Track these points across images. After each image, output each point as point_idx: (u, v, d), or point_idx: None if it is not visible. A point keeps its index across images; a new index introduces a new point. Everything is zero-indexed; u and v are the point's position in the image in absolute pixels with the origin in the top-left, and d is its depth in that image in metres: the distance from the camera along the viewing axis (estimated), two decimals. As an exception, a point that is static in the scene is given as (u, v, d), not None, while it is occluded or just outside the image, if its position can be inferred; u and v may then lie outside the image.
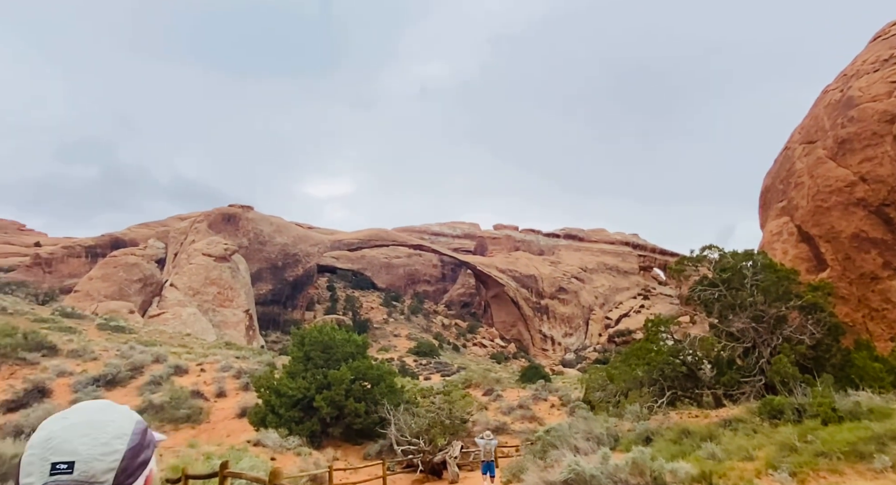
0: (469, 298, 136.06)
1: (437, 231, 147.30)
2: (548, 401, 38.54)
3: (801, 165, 23.37)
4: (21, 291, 76.56)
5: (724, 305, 20.27)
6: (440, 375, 70.97)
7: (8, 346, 32.82)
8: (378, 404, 26.14)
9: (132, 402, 29.40)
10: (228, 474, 9.71)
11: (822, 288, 19.30)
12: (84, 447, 1.05)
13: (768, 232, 24.76)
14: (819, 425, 12.07)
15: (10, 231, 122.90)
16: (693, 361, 20.62)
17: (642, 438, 16.01)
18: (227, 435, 26.08)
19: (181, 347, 50.35)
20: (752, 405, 15.85)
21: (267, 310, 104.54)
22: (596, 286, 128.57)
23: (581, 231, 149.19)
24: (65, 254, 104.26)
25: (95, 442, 1.07)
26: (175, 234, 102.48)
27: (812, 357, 18.58)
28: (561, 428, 20.38)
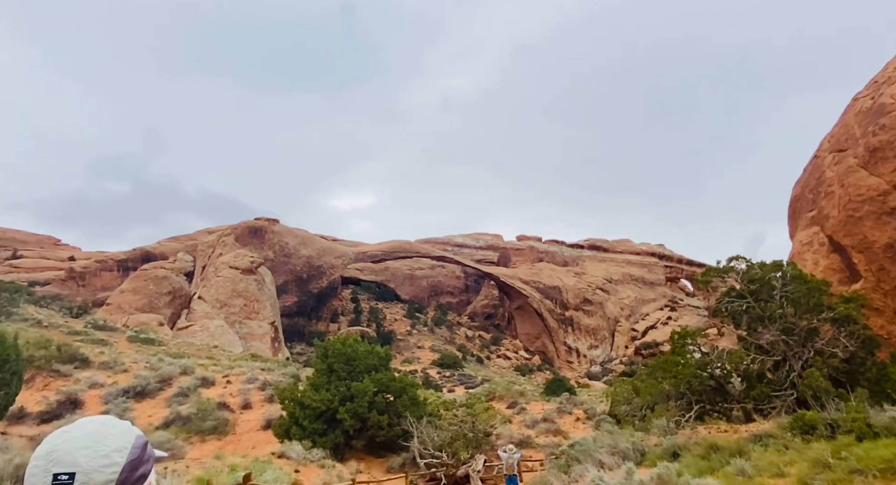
0: (493, 309, 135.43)
1: (460, 242, 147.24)
2: (573, 414, 38.03)
3: (831, 174, 22.85)
4: (56, 304, 78.50)
5: (753, 317, 19.83)
6: (464, 387, 70.59)
7: (42, 358, 33.67)
8: (401, 417, 26.11)
9: (160, 413, 29.86)
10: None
11: (855, 299, 18.76)
12: (85, 459, 1.07)
13: (798, 242, 24.21)
14: (853, 441, 11.69)
15: (47, 246, 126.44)
16: (721, 375, 20.17)
17: (669, 453, 15.68)
18: (252, 447, 26.28)
19: (208, 359, 51.04)
20: (784, 420, 15.43)
21: (292, 322, 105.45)
22: (622, 298, 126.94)
23: (605, 242, 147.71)
24: (98, 268, 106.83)
25: (96, 454, 1.09)
26: (203, 247, 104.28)
27: (845, 371, 18.04)
28: (586, 442, 20.11)
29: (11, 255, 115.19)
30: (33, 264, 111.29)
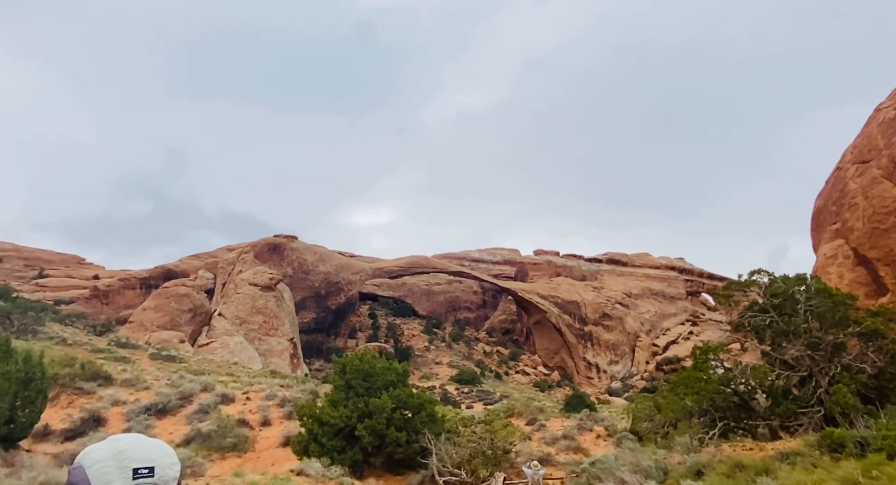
0: (510, 324, 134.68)
1: (476, 257, 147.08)
2: (593, 431, 37.46)
3: (854, 186, 22.53)
4: (80, 322, 79.77)
5: (777, 331, 19.48)
6: (482, 403, 70.01)
7: (67, 376, 34.15)
8: (419, 434, 25.95)
9: (181, 430, 30.04)
10: (271, 505, 9.77)
11: (882, 313, 18.36)
12: (157, 456, 1.21)
13: (822, 255, 23.82)
14: (884, 459, 11.38)
15: (72, 265, 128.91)
16: (745, 391, 19.79)
17: (693, 471, 15.38)
18: (271, 464, 26.29)
19: (228, 375, 51.38)
20: (811, 438, 15.08)
21: (311, 338, 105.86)
22: (641, 312, 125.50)
23: (624, 256, 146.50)
24: (121, 286, 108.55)
25: (163, 453, 1.25)
26: (223, 264, 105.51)
27: (874, 387, 17.60)
28: (607, 460, 19.83)
29: (38, 274, 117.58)
30: (59, 283, 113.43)
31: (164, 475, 1.20)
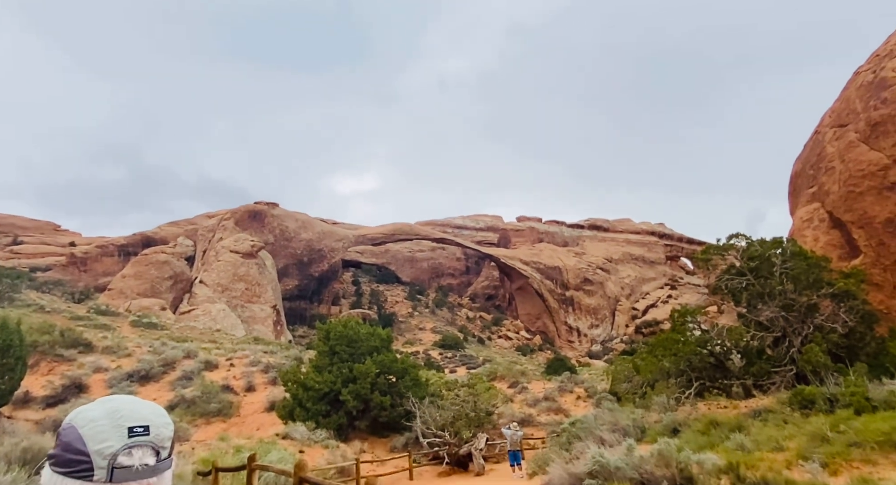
0: (493, 290, 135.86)
1: (459, 224, 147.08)
2: (573, 393, 38.36)
3: (831, 150, 22.73)
4: (58, 289, 78.69)
5: (753, 293, 19.87)
6: (465, 367, 71.08)
7: (46, 343, 33.88)
8: (403, 398, 26.33)
9: (165, 396, 30.13)
10: (256, 467, 9.89)
11: (854, 275, 18.79)
12: (153, 416, 1.17)
13: (798, 219, 24.17)
14: (852, 414, 11.79)
15: (47, 232, 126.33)
16: (721, 352, 20.27)
17: (669, 429, 15.83)
18: (256, 428, 26.56)
19: (211, 342, 51.36)
20: (783, 395, 15.55)
21: (294, 305, 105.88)
22: (622, 277, 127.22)
23: (606, 221, 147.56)
24: (99, 253, 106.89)
25: (157, 413, 1.19)
26: (203, 231, 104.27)
27: (844, 346, 18.13)
28: (586, 420, 20.32)
29: (12, 241, 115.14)
30: (34, 250, 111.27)
31: (160, 434, 1.15)
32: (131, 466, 1.10)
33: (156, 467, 1.13)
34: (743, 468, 9.34)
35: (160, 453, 1.15)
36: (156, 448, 1.14)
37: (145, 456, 1.12)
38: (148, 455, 1.12)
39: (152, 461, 1.13)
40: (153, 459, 1.13)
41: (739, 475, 9.02)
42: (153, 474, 1.13)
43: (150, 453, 1.13)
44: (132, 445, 1.11)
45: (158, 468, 1.14)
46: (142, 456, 1.11)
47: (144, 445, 1.12)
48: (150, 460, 1.13)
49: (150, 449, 1.13)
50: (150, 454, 1.13)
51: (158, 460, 1.14)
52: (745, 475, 8.97)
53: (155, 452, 1.14)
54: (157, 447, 1.14)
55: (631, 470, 9.92)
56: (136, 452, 1.11)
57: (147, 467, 1.12)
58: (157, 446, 1.14)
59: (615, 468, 10.06)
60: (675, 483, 9.15)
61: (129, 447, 1.10)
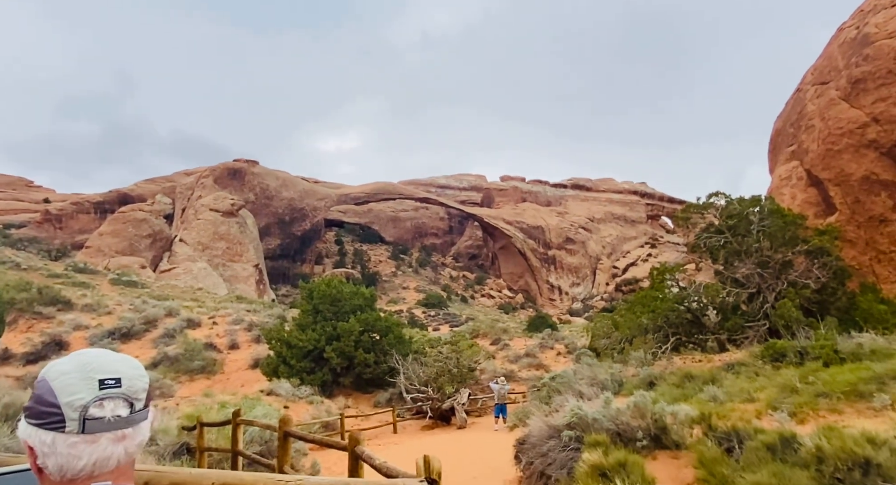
0: (477, 250, 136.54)
1: (443, 184, 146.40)
2: (554, 349, 39.15)
3: (812, 107, 22.77)
4: (33, 247, 77.35)
5: (730, 251, 20.22)
6: (449, 326, 72.03)
7: (24, 300, 33.54)
8: (387, 355, 26.66)
9: (147, 354, 30.17)
10: (241, 422, 9.99)
11: (829, 232, 19.16)
12: (124, 368, 1.17)
13: (777, 177, 24.40)
14: (821, 367, 12.20)
15: (19, 187, 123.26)
16: (698, 308, 20.73)
17: (646, 383, 16.26)
18: (241, 385, 26.80)
19: (193, 301, 51.21)
20: (756, 349, 16.00)
21: (276, 264, 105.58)
22: (603, 236, 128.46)
23: (589, 181, 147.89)
24: (74, 210, 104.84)
25: (130, 365, 1.19)
26: (181, 189, 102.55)
27: (817, 301, 18.63)
28: (566, 375, 20.79)
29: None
30: (6, 206, 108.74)
31: (132, 386, 1.15)
32: (103, 417, 1.10)
33: (130, 417, 1.14)
34: (714, 419, 9.67)
35: (134, 404, 1.15)
36: (129, 400, 1.14)
37: (118, 407, 1.12)
38: (120, 407, 1.13)
39: (125, 413, 1.13)
40: (126, 410, 1.13)
41: (711, 425, 9.33)
42: (128, 425, 1.13)
43: (122, 405, 1.13)
44: (103, 396, 1.11)
45: (133, 419, 1.14)
46: (114, 407, 1.12)
47: (116, 396, 1.12)
48: (123, 412, 1.13)
49: (123, 401, 1.13)
50: (123, 406, 1.13)
51: (133, 411, 1.14)
52: (716, 425, 9.28)
53: (128, 403, 1.14)
54: (130, 399, 1.14)
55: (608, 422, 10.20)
56: (108, 403, 1.11)
57: (120, 418, 1.12)
58: (130, 398, 1.14)
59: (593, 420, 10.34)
60: (649, 433, 9.44)
61: (100, 399, 1.11)
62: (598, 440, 9.19)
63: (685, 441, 9.09)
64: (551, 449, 10.20)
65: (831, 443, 6.61)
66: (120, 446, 1.12)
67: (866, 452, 6.32)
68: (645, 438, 9.31)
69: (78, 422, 1.09)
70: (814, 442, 6.83)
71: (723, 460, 7.72)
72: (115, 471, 1.12)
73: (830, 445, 6.58)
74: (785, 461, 6.85)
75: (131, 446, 1.14)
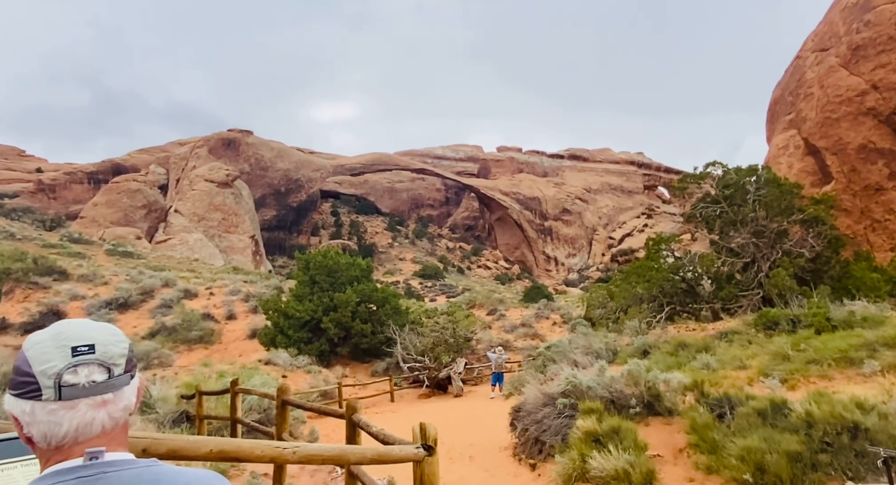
0: (473, 221, 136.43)
1: (439, 154, 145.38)
2: (549, 319, 39.46)
3: (811, 75, 22.53)
4: (27, 217, 76.86)
5: (726, 221, 20.26)
6: (445, 296, 72.42)
7: (20, 271, 33.51)
8: (384, 325, 26.84)
9: (145, 324, 30.31)
10: (239, 391, 10.09)
11: (824, 201, 19.19)
12: (99, 335, 1.17)
13: (774, 146, 24.29)
14: (813, 334, 12.34)
15: (11, 157, 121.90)
16: (693, 278, 20.86)
17: (640, 351, 16.45)
18: (239, 355, 27.02)
19: (189, 271, 51.25)
20: (749, 318, 16.16)
21: (272, 235, 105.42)
22: (600, 207, 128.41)
23: (586, 151, 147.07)
24: (67, 180, 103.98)
25: (106, 332, 1.19)
26: (176, 159, 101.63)
27: (811, 270, 18.75)
28: (561, 344, 20.97)
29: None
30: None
31: (107, 352, 1.15)
32: (78, 383, 1.10)
33: (108, 383, 1.14)
34: (707, 386, 9.82)
35: (112, 369, 1.15)
36: (105, 365, 1.14)
37: (93, 373, 1.12)
38: (96, 372, 1.13)
39: (101, 378, 1.13)
40: (103, 375, 1.13)
41: (703, 392, 9.48)
42: (107, 390, 1.13)
43: (98, 370, 1.13)
44: (76, 363, 1.11)
45: (113, 385, 1.15)
46: (89, 373, 1.12)
47: (90, 362, 1.13)
48: (99, 377, 1.13)
49: (98, 366, 1.13)
50: (99, 371, 1.13)
51: (111, 376, 1.15)
52: (708, 392, 9.43)
53: (105, 369, 1.14)
54: (106, 364, 1.14)
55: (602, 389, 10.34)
56: (82, 370, 1.12)
57: (96, 384, 1.12)
58: (106, 363, 1.14)
59: (587, 388, 10.48)
60: (643, 400, 9.59)
61: (73, 366, 1.11)
62: (593, 408, 9.33)
63: (678, 408, 9.23)
64: (546, 416, 10.36)
65: (821, 408, 6.72)
66: (102, 412, 1.13)
67: (855, 417, 6.43)
68: (638, 405, 9.46)
69: (54, 389, 1.09)
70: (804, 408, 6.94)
71: (714, 425, 7.86)
72: (102, 436, 1.13)
73: (820, 410, 6.69)
74: (775, 426, 6.98)
75: (115, 410, 1.15)
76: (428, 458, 4.11)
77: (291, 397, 8.31)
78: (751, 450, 6.61)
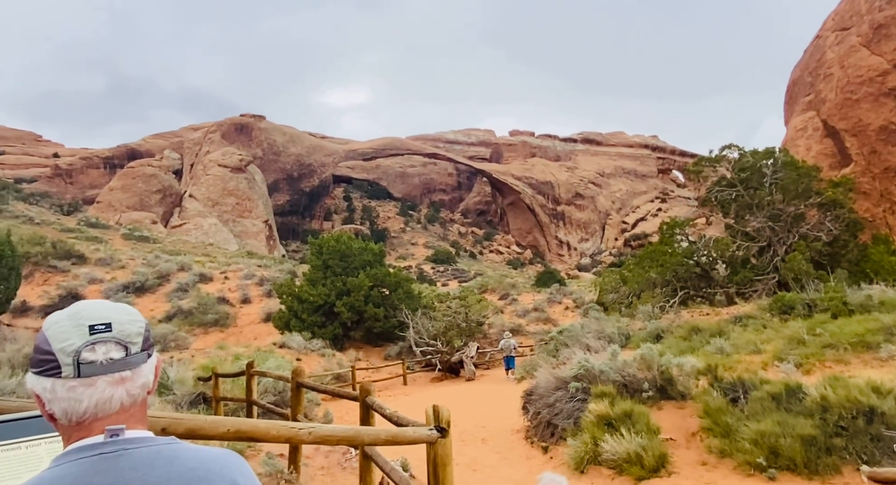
0: (485, 206, 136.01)
1: (451, 139, 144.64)
2: (562, 304, 39.42)
3: (832, 55, 22.03)
4: (45, 201, 77.70)
5: (742, 205, 20.01)
6: (457, 281, 72.52)
7: (39, 254, 34.04)
8: (396, 309, 26.98)
9: (161, 307, 30.72)
10: (255, 373, 10.21)
11: (843, 184, 18.88)
12: (115, 314, 1.19)
13: (792, 128, 23.86)
14: (829, 318, 12.23)
15: (28, 142, 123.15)
16: (707, 262, 20.69)
17: (653, 336, 16.41)
18: (254, 338, 27.33)
19: (204, 256, 51.73)
20: (764, 302, 16.03)
21: (286, 220, 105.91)
22: (613, 191, 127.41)
23: (599, 135, 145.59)
24: (84, 165, 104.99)
25: (123, 311, 1.21)
26: (189, 144, 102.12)
27: (828, 253, 18.50)
28: (573, 328, 20.97)
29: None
30: (17, 161, 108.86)
31: (124, 330, 1.17)
32: (95, 360, 1.13)
33: (125, 360, 1.16)
34: (720, 370, 9.78)
35: (129, 348, 1.17)
36: (122, 343, 1.16)
37: (110, 351, 1.15)
38: (113, 350, 1.15)
39: (119, 356, 1.15)
40: (120, 353, 1.16)
41: (717, 376, 9.45)
42: (125, 368, 1.16)
43: (115, 348, 1.15)
44: (94, 341, 1.14)
45: (130, 362, 1.17)
46: (106, 351, 1.14)
47: (107, 340, 1.15)
48: (117, 355, 1.15)
49: (115, 344, 1.16)
50: (117, 349, 1.15)
51: (128, 354, 1.17)
52: (722, 376, 9.40)
53: (122, 347, 1.16)
54: (123, 342, 1.17)
55: (614, 373, 10.34)
56: (100, 347, 1.14)
57: (113, 361, 1.14)
58: (123, 342, 1.17)
59: (599, 372, 10.48)
60: (655, 385, 9.58)
61: (91, 343, 1.13)
62: (605, 391, 9.35)
63: (691, 392, 9.22)
64: (558, 400, 10.39)
65: (836, 392, 6.67)
66: (120, 389, 1.15)
67: (871, 401, 6.38)
68: (651, 389, 9.45)
69: (73, 367, 1.12)
70: (819, 392, 6.90)
71: (727, 409, 7.84)
72: (121, 413, 1.15)
73: (835, 394, 6.65)
74: (790, 411, 6.95)
75: (133, 387, 1.17)
76: (441, 440, 4.15)
77: (306, 379, 8.40)
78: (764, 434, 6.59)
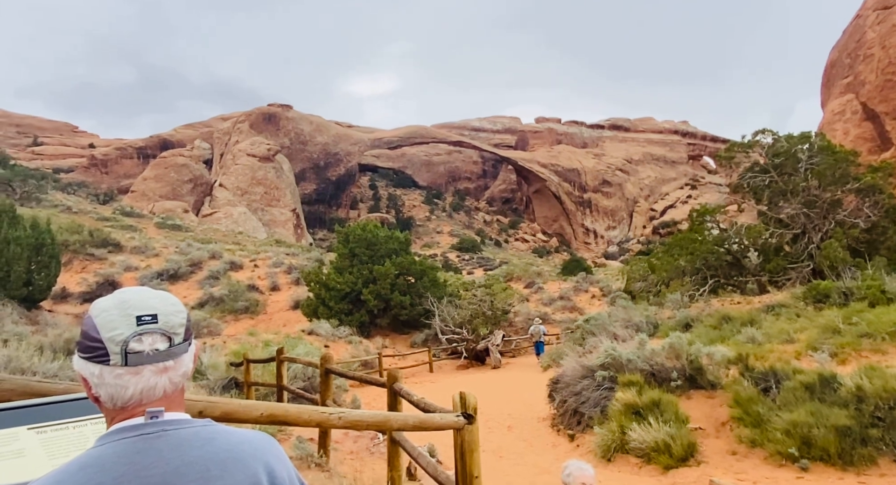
0: (510, 193, 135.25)
1: (476, 126, 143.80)
2: (588, 292, 39.11)
3: (872, 35, 21.19)
4: (82, 191, 79.67)
5: (775, 191, 19.51)
6: (483, 269, 72.48)
7: (77, 242, 35.08)
8: (422, 297, 27.11)
9: (194, 294, 31.41)
10: (284, 359, 10.40)
11: (882, 169, 18.26)
12: (160, 305, 1.22)
13: (829, 111, 23.11)
14: (866, 307, 11.91)
15: (65, 133, 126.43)
16: (738, 250, 20.27)
17: (682, 324, 16.20)
18: (283, 325, 27.78)
19: (234, 244, 52.62)
20: (798, 290, 15.67)
21: (313, 209, 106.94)
22: (641, 178, 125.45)
23: (627, 121, 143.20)
24: (118, 155, 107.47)
25: (167, 302, 1.24)
26: (219, 134, 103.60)
27: (865, 241, 17.96)
28: (600, 317, 20.84)
29: (32, 141, 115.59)
30: (55, 151, 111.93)
31: (169, 322, 1.21)
32: (142, 351, 1.16)
33: (169, 351, 1.20)
34: (752, 359, 9.61)
35: (172, 338, 1.21)
36: (166, 334, 1.20)
37: (156, 342, 1.18)
38: (159, 341, 1.19)
39: (164, 346, 1.19)
40: (165, 344, 1.19)
41: (748, 366, 9.29)
42: (168, 358, 1.19)
43: (160, 339, 1.19)
44: (141, 332, 1.17)
45: (174, 353, 1.21)
46: (152, 342, 1.18)
47: (153, 332, 1.18)
48: (162, 346, 1.19)
49: (161, 335, 1.19)
50: (161, 340, 1.19)
51: (172, 344, 1.20)
52: (753, 366, 9.24)
53: (166, 338, 1.20)
54: (167, 333, 1.20)
55: (642, 362, 10.25)
56: (146, 338, 1.17)
57: (159, 352, 1.18)
58: (167, 333, 1.20)
59: (627, 361, 10.41)
60: (684, 374, 9.47)
61: (138, 334, 1.17)
62: (632, 380, 9.28)
63: (721, 381, 9.10)
64: (585, 388, 10.36)
65: (872, 382, 6.52)
66: (164, 377, 1.19)
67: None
68: (679, 378, 9.35)
69: (120, 356, 1.15)
70: (854, 381, 6.75)
71: (759, 399, 7.73)
72: (163, 399, 1.20)
73: (872, 384, 6.50)
74: (823, 401, 6.81)
75: (175, 376, 1.21)
76: (468, 426, 4.18)
77: (334, 366, 8.53)
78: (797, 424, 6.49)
